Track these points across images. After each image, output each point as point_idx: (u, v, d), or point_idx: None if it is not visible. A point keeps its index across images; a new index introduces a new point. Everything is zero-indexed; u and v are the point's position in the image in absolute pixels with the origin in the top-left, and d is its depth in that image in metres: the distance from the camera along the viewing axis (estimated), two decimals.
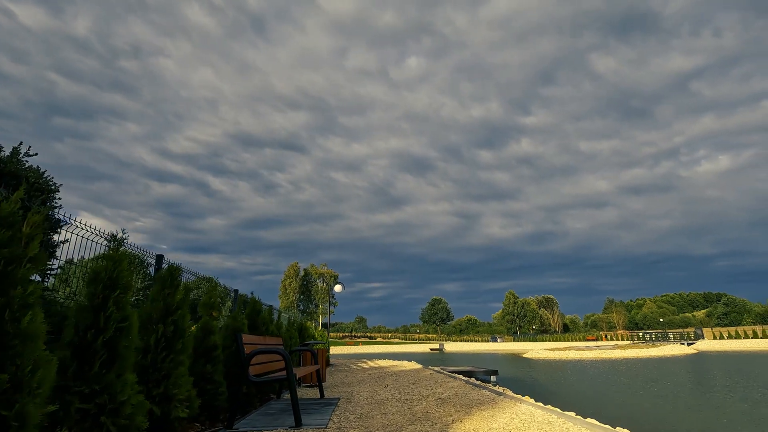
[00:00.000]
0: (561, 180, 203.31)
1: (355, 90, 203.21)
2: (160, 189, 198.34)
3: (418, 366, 15.26)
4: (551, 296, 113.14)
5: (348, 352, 63.77)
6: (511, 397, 5.96)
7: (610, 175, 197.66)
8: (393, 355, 47.81)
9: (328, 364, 16.76)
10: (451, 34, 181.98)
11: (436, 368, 15.10)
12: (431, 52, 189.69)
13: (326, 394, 7.00)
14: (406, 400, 6.12)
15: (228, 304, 8.53)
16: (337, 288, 18.14)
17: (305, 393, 7.29)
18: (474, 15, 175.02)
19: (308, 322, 13.58)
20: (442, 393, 6.85)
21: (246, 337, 4.57)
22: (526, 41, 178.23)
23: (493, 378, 14.60)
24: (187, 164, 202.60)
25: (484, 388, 7.37)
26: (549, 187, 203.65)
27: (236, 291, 7.98)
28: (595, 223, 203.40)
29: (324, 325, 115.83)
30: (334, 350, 66.04)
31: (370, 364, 17.77)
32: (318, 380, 6.28)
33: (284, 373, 4.37)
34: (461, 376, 10.14)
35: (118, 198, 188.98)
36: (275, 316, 9.60)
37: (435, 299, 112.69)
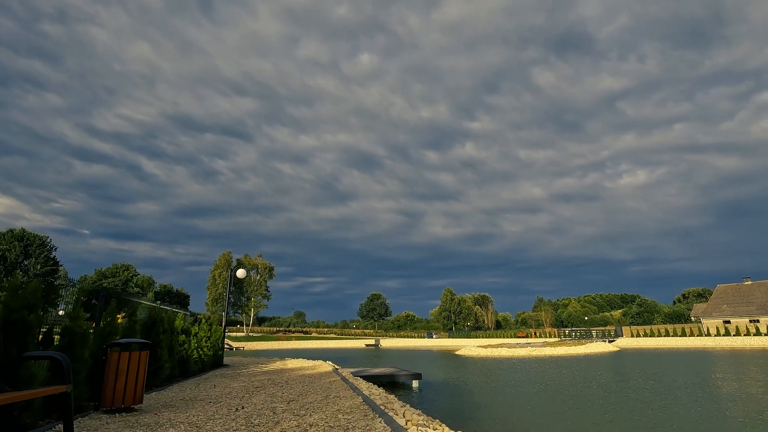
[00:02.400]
0: (500, 185, 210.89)
1: (304, 81, 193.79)
2: (85, 169, 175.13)
3: (329, 368, 12.59)
4: (487, 294, 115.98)
5: (275, 348, 59.82)
6: None
7: (544, 183, 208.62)
8: (322, 352, 44.84)
9: (218, 365, 13.54)
10: (404, 34, 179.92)
11: (350, 371, 12.52)
12: (384, 49, 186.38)
13: (117, 426, 4.07)
14: None
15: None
16: (240, 273, 14.97)
17: (88, 425, 4.28)
18: (427, 18, 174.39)
19: (179, 314, 10.33)
20: (311, 426, 4.20)
21: None
22: (474, 49, 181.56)
23: (415, 383, 12.31)
24: (117, 144, 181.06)
25: (383, 415, 4.82)
26: (489, 191, 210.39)
27: None
28: (528, 227, 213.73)
29: (262, 320, 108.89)
30: (256, 346, 61.66)
31: (276, 365, 14.82)
32: (65, 410, 3.34)
33: None
34: (363, 388, 7.59)
35: (34, 176, 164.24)
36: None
37: (374, 294, 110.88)
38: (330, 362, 15.61)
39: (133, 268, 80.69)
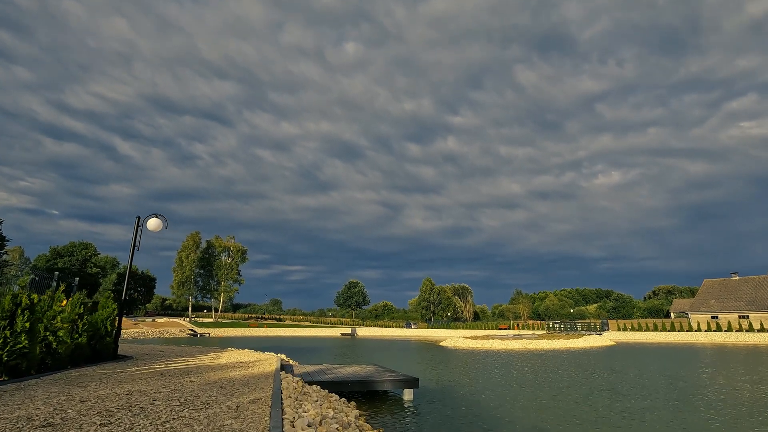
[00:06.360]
0: (480, 180, 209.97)
1: (288, 67, 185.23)
2: (55, 147, 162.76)
3: (272, 368, 8.08)
4: (466, 285, 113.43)
5: (244, 335, 54.89)
6: None
7: (522, 180, 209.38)
8: (291, 341, 40.33)
9: (99, 359, 8.83)
10: (390, 26, 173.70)
11: (306, 371, 8.08)
12: (369, 40, 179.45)
13: None
14: None
15: None
16: (151, 223, 10.23)
17: None
18: (413, 10, 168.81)
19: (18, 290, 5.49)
20: None
21: None
22: (459, 44, 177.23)
23: (408, 396, 7.93)
24: (90, 123, 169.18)
25: None
26: (469, 185, 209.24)
27: None
28: (506, 223, 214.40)
29: (237, 306, 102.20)
30: (223, 333, 56.61)
31: (201, 360, 10.23)
32: None
33: None
34: (299, 427, 3.16)
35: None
36: None
37: (351, 282, 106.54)
38: (283, 356, 11.12)
39: (93, 247, 73.43)
